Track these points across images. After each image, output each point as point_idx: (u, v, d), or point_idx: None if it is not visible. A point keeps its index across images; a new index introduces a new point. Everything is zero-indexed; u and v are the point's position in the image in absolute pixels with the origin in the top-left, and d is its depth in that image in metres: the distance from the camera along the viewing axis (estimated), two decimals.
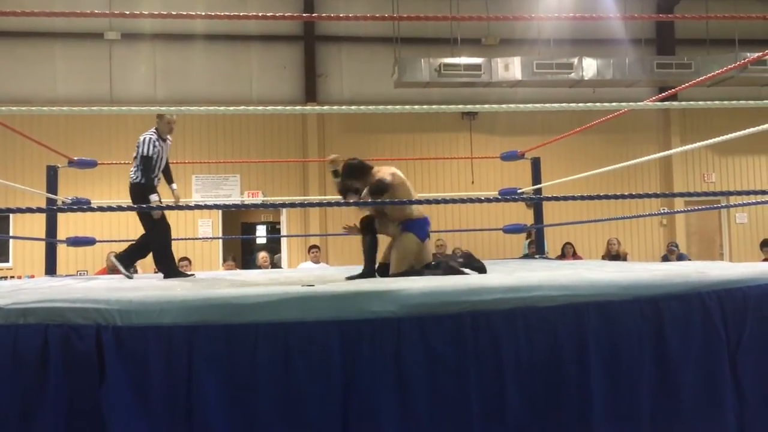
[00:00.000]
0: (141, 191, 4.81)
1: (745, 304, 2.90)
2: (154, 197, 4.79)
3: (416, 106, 3.35)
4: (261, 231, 15.41)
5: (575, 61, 11.58)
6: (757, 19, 3.37)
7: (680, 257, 10.56)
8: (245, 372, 2.52)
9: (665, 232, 13.07)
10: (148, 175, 4.82)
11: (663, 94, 5.81)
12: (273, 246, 12.96)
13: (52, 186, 5.91)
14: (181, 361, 2.49)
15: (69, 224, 9.98)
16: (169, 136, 5.06)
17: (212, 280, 4.46)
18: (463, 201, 3.38)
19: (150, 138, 4.84)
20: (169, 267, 4.92)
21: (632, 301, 2.80)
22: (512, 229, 7.10)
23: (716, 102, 3.45)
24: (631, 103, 3.73)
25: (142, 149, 4.80)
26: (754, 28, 12.39)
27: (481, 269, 4.06)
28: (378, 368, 2.59)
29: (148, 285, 3.68)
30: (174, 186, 5.20)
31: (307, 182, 12.17)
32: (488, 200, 3.40)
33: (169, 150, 5.09)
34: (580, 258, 10.75)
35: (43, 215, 6.31)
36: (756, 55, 4.48)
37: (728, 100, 3.67)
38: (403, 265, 4.00)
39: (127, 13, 3.39)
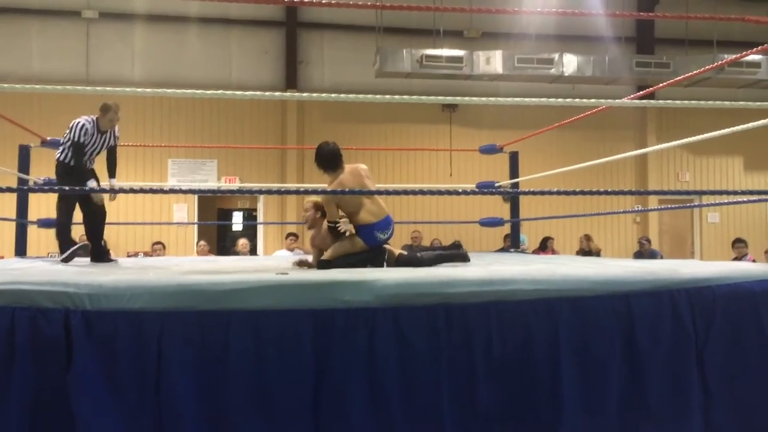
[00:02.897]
0: (67, 171, 4.59)
1: (713, 303, 2.95)
2: (92, 183, 4.59)
3: (396, 96, 3.34)
4: (237, 217, 15.30)
5: (556, 56, 11.64)
6: (735, 20, 3.41)
7: (652, 254, 10.71)
8: (216, 359, 2.50)
9: (638, 229, 13.25)
10: (79, 159, 4.57)
11: (641, 92, 5.87)
12: (249, 233, 12.88)
13: (24, 166, 5.81)
14: (152, 347, 2.46)
15: (41, 205, 9.82)
16: (113, 130, 4.80)
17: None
18: (440, 193, 3.39)
19: (83, 124, 4.58)
20: (96, 249, 4.72)
21: (604, 297, 2.84)
22: (488, 223, 7.14)
23: (693, 102, 3.50)
24: (609, 101, 3.77)
25: (73, 134, 4.54)
26: (732, 30, 12.55)
27: (464, 257, 4.11)
28: (351, 358, 2.59)
29: (118, 270, 3.63)
30: (114, 180, 4.92)
31: (285, 169, 12.10)
32: (465, 193, 3.41)
33: (108, 143, 4.80)
34: (556, 253, 10.85)
35: (14, 195, 6.20)
36: (733, 56, 4.54)
37: (705, 101, 3.71)
38: (335, 255, 3.99)
39: None
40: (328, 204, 4.00)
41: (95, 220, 4.76)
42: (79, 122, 4.61)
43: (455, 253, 4.25)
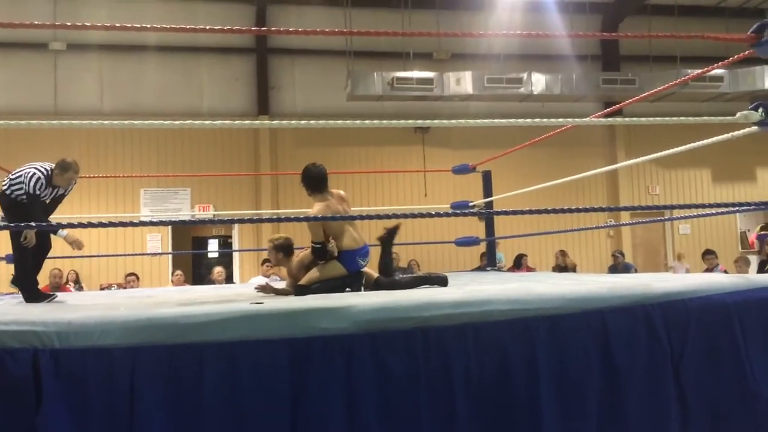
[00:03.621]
0: (18, 208, 4.32)
1: (687, 316, 2.97)
2: (63, 232, 4.37)
3: (367, 121, 3.34)
4: (213, 245, 15.14)
5: (524, 76, 11.81)
6: (695, 37, 3.52)
7: (626, 267, 10.81)
8: (191, 394, 2.45)
9: (612, 243, 13.38)
10: (37, 211, 4.26)
11: (608, 109, 5.97)
12: (225, 260, 12.75)
13: None
14: (123, 385, 2.40)
15: (8, 241, 9.63)
16: (65, 189, 4.55)
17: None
18: (414, 216, 3.39)
19: (39, 177, 4.28)
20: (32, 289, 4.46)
21: (579, 314, 2.85)
22: (464, 242, 7.16)
23: (658, 119, 3.55)
24: (577, 119, 3.82)
25: (29, 187, 4.24)
26: (694, 46, 12.84)
27: (443, 281, 4.12)
28: (329, 386, 2.56)
29: (88, 305, 3.56)
30: (64, 233, 4.53)
31: (259, 195, 12.04)
32: (438, 215, 3.41)
33: (56, 196, 4.53)
34: (532, 270, 10.90)
35: None
36: (696, 72, 4.63)
37: (671, 116, 3.78)
38: (314, 280, 3.97)
39: (70, 24, 3.29)
40: (314, 225, 3.98)
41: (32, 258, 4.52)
42: (33, 174, 4.30)
43: (433, 276, 4.26)
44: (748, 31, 3.20)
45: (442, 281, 4.15)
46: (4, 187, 4.44)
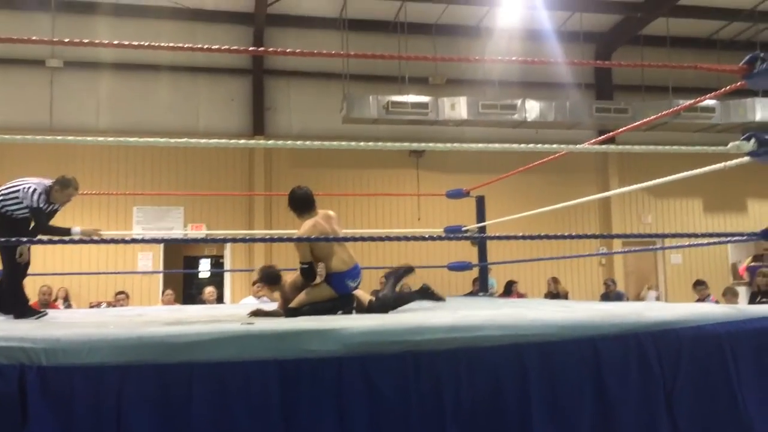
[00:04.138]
0: (7, 223, 4.33)
1: (679, 346, 2.96)
2: (76, 229, 4.41)
3: (362, 143, 3.36)
4: (204, 265, 15.08)
5: (519, 102, 11.91)
6: (688, 68, 3.57)
7: (618, 295, 10.81)
8: (179, 414, 2.42)
9: (604, 270, 13.40)
10: (44, 222, 4.36)
11: (602, 137, 6.03)
12: (216, 280, 12.68)
13: None
14: (111, 404, 2.37)
15: None
16: (60, 205, 4.56)
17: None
18: (407, 239, 3.39)
19: (40, 192, 4.32)
20: (22, 307, 4.48)
21: (571, 342, 2.84)
22: (457, 267, 7.15)
23: (651, 147, 3.58)
24: (570, 146, 3.84)
25: (32, 201, 4.27)
26: (686, 77, 13.02)
27: (437, 297, 4.14)
28: (318, 408, 2.53)
29: (77, 323, 3.53)
30: (78, 229, 4.54)
31: (252, 215, 12.03)
32: (432, 238, 3.41)
33: (50, 215, 4.55)
34: (523, 296, 10.88)
35: None
36: (688, 102, 4.69)
37: (663, 145, 3.81)
38: (303, 303, 3.97)
39: (67, 41, 3.31)
40: (301, 246, 3.98)
41: (22, 274, 4.52)
42: (32, 188, 4.32)
43: (428, 291, 4.26)
44: (739, 62, 3.25)
45: (436, 297, 4.16)
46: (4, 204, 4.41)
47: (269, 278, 4.36)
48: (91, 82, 11.77)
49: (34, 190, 4.32)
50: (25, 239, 3.99)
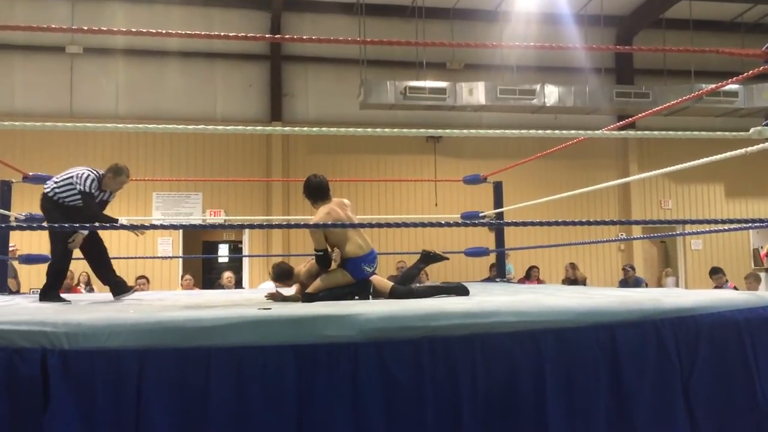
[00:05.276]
0: (61, 210, 4.45)
1: (697, 333, 2.94)
2: (122, 219, 4.58)
3: (378, 129, 3.35)
4: (223, 250, 15.21)
5: (538, 87, 11.79)
6: (711, 52, 3.50)
7: (637, 281, 10.74)
8: (197, 397, 2.46)
9: (623, 256, 13.31)
10: (93, 207, 4.46)
11: (621, 122, 5.95)
12: (235, 265, 12.79)
13: (5, 202, 5.73)
14: (131, 386, 2.41)
15: (23, 241, 9.72)
16: (111, 195, 4.68)
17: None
18: (423, 225, 3.38)
19: (93, 178, 4.44)
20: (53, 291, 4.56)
21: (588, 328, 2.82)
22: (474, 253, 7.14)
23: (671, 132, 3.54)
24: (589, 132, 3.80)
25: (84, 186, 4.38)
26: (709, 61, 12.81)
27: (462, 291, 4.13)
28: (334, 393, 2.55)
29: (98, 307, 3.58)
30: (124, 220, 4.80)
31: (270, 201, 12.08)
32: (449, 225, 3.41)
33: (103, 200, 4.66)
34: (542, 282, 10.85)
35: None
36: (710, 86, 4.61)
37: (684, 130, 3.76)
38: (320, 288, 3.99)
39: (86, 28, 3.33)
40: (316, 233, 4.01)
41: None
42: (86, 174, 4.44)
43: (452, 285, 4.25)
44: (763, 46, 3.19)
45: (461, 291, 4.15)
46: (46, 190, 4.53)
47: (281, 275, 4.41)
48: (110, 68, 11.85)
49: (88, 176, 4.45)
50: (77, 225, 4.07)
